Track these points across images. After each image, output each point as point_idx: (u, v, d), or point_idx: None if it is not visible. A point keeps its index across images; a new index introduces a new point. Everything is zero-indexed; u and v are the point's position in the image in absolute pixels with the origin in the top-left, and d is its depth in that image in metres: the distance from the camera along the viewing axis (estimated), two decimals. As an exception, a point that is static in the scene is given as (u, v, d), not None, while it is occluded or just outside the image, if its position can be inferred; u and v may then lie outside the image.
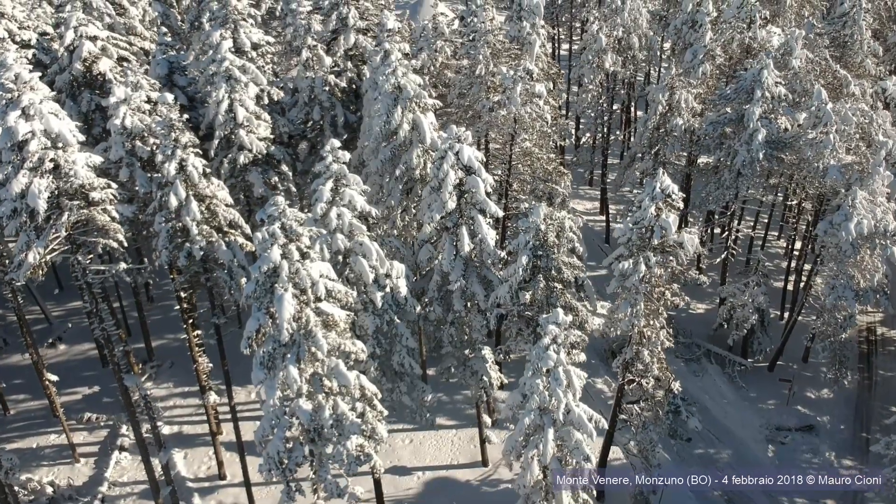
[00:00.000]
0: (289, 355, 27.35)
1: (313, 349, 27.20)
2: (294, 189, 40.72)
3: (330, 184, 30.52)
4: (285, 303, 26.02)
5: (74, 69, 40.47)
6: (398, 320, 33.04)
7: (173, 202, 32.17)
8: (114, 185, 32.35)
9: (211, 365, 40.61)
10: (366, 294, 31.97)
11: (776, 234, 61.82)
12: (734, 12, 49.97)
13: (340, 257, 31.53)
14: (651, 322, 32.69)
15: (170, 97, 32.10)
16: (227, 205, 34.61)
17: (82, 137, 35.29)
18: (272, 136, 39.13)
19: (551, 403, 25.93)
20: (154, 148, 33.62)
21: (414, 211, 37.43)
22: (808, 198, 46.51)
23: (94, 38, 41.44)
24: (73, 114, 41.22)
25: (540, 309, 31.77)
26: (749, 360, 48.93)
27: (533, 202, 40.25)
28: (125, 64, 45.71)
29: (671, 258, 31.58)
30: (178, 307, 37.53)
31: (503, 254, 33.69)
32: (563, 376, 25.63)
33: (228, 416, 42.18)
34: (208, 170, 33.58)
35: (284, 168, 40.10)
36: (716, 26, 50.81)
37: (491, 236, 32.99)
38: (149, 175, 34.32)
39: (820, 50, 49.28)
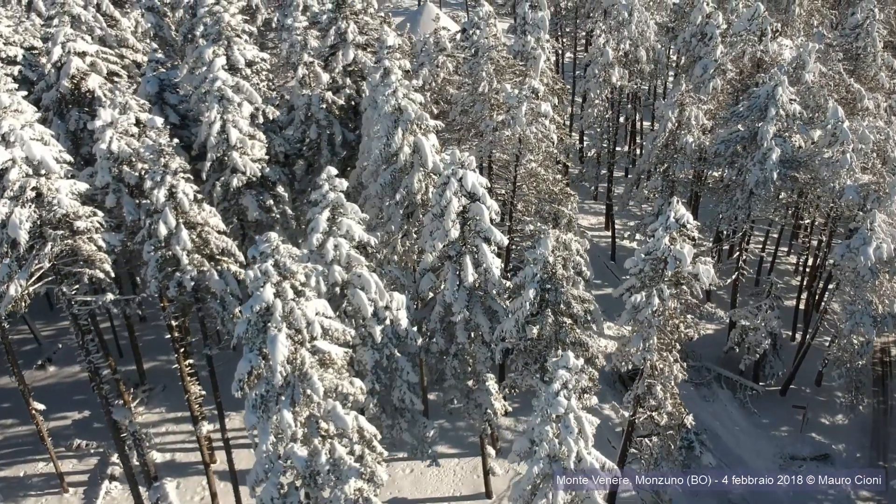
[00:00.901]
0: (283, 398, 25.78)
1: (309, 392, 25.64)
2: (290, 211, 39.13)
3: (326, 213, 28.98)
4: (279, 344, 24.48)
5: (62, 87, 38.87)
6: (398, 354, 31.48)
7: (162, 231, 30.63)
8: (100, 213, 30.86)
9: (204, 393, 39.12)
10: (364, 328, 30.41)
11: (785, 249, 60.27)
12: (745, 25, 48.46)
13: (338, 289, 29.97)
14: (664, 356, 31.15)
15: (159, 121, 30.56)
16: (219, 232, 33.06)
17: (70, 158, 33.93)
18: (267, 157, 37.56)
19: (561, 451, 24.37)
20: (143, 173, 32.08)
21: (415, 236, 35.88)
22: (822, 216, 44.95)
23: (82, 54, 39.83)
24: (60, 133, 39.69)
25: (548, 345, 30.23)
26: (761, 384, 47.39)
27: (539, 224, 38.80)
28: (116, 79, 44.32)
29: (686, 290, 30.02)
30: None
31: (509, 284, 32.12)
32: (574, 423, 24.07)
33: (222, 444, 40.70)
34: (199, 195, 32.04)
35: (280, 189, 38.53)
36: (726, 39, 49.27)
37: (496, 265, 31.43)
38: (137, 201, 32.75)
39: (833, 63, 47.77)
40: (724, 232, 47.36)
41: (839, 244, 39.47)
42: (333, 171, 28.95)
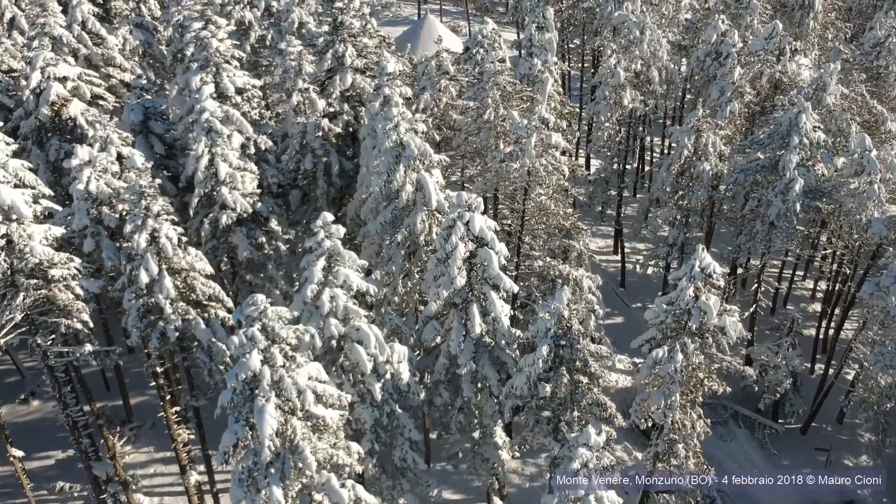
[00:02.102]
0: (272, 470, 23.46)
1: (300, 465, 23.32)
2: (283, 247, 36.78)
3: (322, 262, 26.63)
4: (267, 416, 22.19)
5: (41, 114, 36.54)
6: (399, 410, 29.11)
7: (144, 278, 28.30)
8: (77, 260, 28.51)
9: (193, 436, 36.86)
10: (363, 384, 28.05)
11: (801, 273, 57.90)
12: (762, 44, 46.12)
13: (334, 342, 27.63)
14: (688, 412, 28.80)
15: (139, 160, 28.19)
16: (206, 276, 30.73)
17: (48, 191, 31.59)
18: (259, 191, 35.20)
19: (581, 535, 22.03)
20: (124, 214, 29.71)
21: (417, 276, 33.56)
22: (846, 248, 42.63)
23: (63, 79, 37.51)
24: (39, 163, 37.36)
25: (563, 405, 27.85)
26: (780, 421, 45.06)
27: (548, 259, 36.48)
28: (101, 102, 41.98)
29: (711, 344, 27.68)
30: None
31: (519, 333, 29.76)
32: (595, 506, 21.74)
33: (212, 495, 38.40)
34: (184, 238, 29.69)
35: (273, 224, 36.14)
36: (741, 58, 46.92)
37: (505, 313, 29.10)
38: (118, 244, 30.38)
39: (856, 84, 45.43)
40: (739, 261, 44.99)
41: (868, 282, 37.16)
42: (329, 217, 26.60)
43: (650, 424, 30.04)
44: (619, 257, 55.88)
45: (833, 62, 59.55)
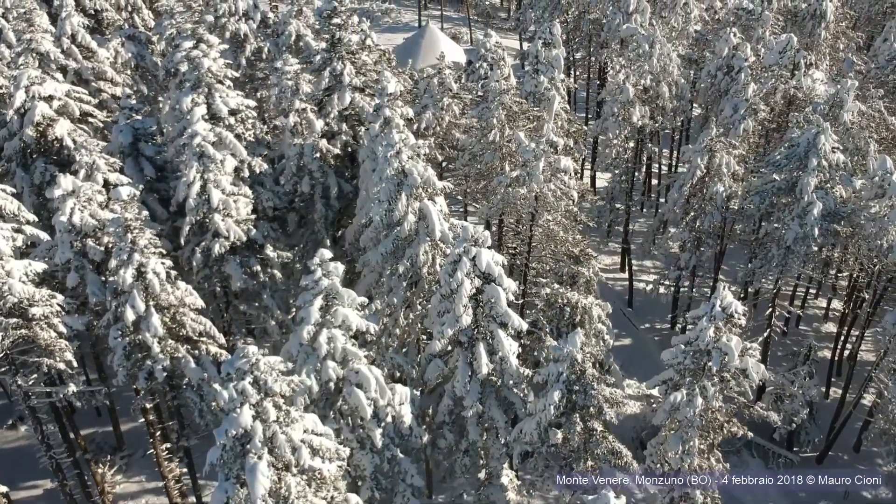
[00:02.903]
0: (266, 531, 21.82)
1: (297, 526, 21.72)
2: (279, 274, 35.11)
3: (319, 302, 25.00)
4: (259, 475, 20.60)
5: (25, 135, 34.88)
6: (401, 455, 27.49)
7: (130, 316, 26.66)
8: (59, 296, 26.88)
9: (185, 470, 35.27)
10: (363, 429, 26.43)
11: (814, 291, 56.24)
12: (776, 58, 44.50)
13: (332, 385, 26.00)
14: (707, 458, 27.18)
15: (125, 192, 26.56)
16: (197, 311, 29.10)
17: (32, 217, 30.01)
18: (253, 217, 33.56)
19: None
20: (110, 246, 28.06)
21: (419, 307, 31.91)
22: (863, 271, 41.01)
23: (49, 98, 35.89)
24: (24, 186, 35.70)
25: (577, 454, 26.21)
26: (795, 449, 43.39)
27: (555, 286, 34.85)
28: (90, 119, 40.37)
29: (733, 387, 26.07)
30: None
31: (528, 372, 28.13)
32: (613, 574, 20.13)
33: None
34: (173, 273, 28.06)
35: (269, 251, 34.47)
36: (754, 73, 45.27)
37: (514, 352, 27.49)
38: (103, 278, 28.71)
39: (874, 101, 43.81)
40: (753, 285, 43.37)
41: (890, 311, 35.53)
42: (327, 254, 24.96)
43: (666, 468, 28.44)
44: (626, 275, 54.19)
45: (846, 74, 58.04)
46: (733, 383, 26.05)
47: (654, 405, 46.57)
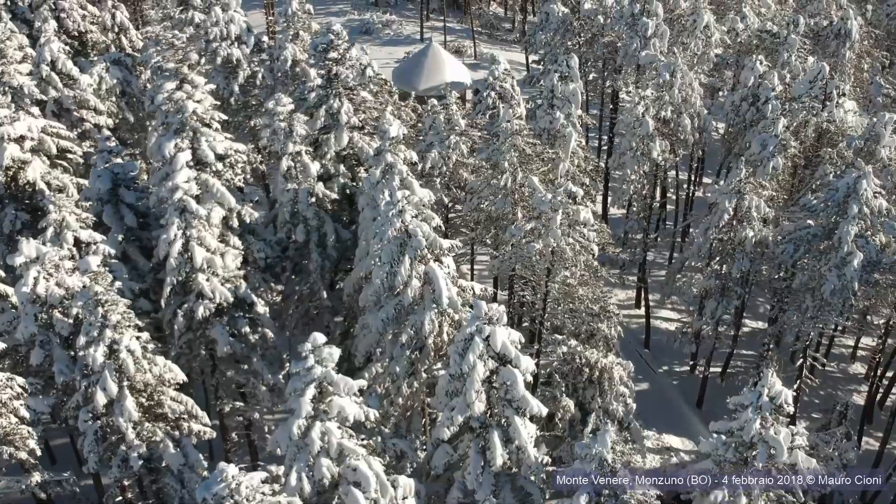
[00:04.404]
0: None
1: None
2: (271, 334, 32.10)
3: (311, 391, 21.95)
4: None
5: (-6, 180, 31.96)
6: (406, 557, 24.47)
7: (101, 399, 23.68)
8: (19, 379, 23.89)
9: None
10: (362, 532, 23.39)
11: (841, 329, 53.18)
12: (805, 88, 41.48)
13: (326, 482, 22.98)
14: (748, 560, 24.14)
15: (94, 261, 23.61)
16: (178, 386, 26.10)
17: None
18: (241, 273, 30.57)
19: None
20: (79, 318, 25.05)
21: (424, 374, 28.94)
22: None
23: (20, 139, 32.95)
24: (-8, 236, 32.74)
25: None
26: (828, 511, 40.40)
27: (573, 344, 31.90)
28: (69, 155, 37.43)
29: (781, 484, 23.09)
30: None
31: (546, 458, 25.14)
32: None
33: None
34: (150, 346, 25.06)
35: (259, 308, 31.45)
36: (783, 104, 42.23)
37: (532, 439, 24.50)
38: (72, 353, 25.69)
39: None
40: (787, 337, 40.36)
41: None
42: (321, 338, 21.92)
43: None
44: (642, 311, 51.14)
45: (874, 98, 54.99)
46: (781, 480, 23.05)
47: (675, 459, 43.71)
